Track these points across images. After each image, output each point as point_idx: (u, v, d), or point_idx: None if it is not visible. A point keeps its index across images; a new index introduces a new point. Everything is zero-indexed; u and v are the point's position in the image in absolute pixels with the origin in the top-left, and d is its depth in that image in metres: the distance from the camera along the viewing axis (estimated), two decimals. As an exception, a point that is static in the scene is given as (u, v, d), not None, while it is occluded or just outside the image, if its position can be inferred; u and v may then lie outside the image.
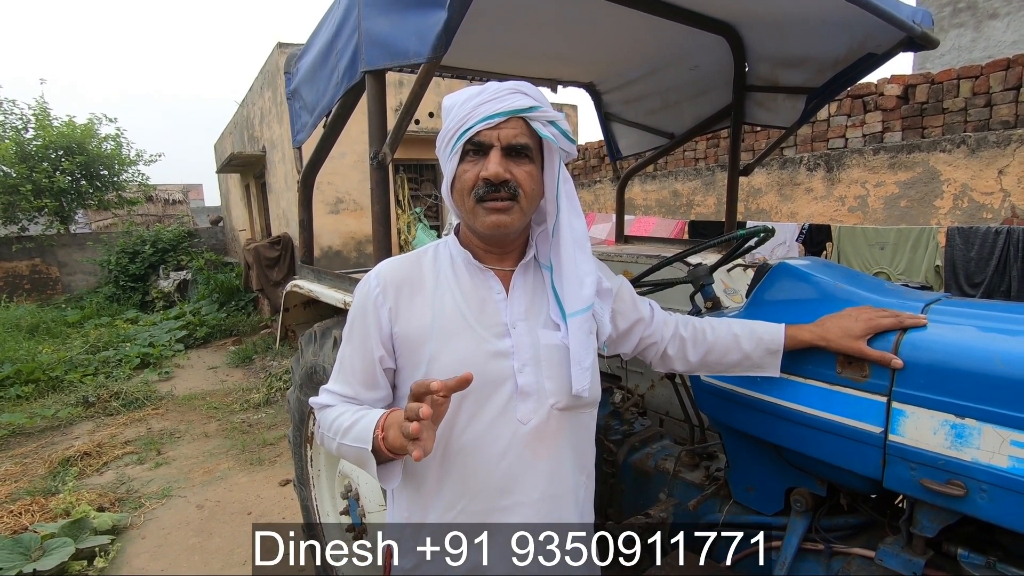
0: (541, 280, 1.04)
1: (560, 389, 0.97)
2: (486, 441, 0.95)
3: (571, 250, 0.98)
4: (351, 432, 0.92)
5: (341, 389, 1.01)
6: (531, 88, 0.95)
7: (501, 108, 0.90)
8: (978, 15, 8.22)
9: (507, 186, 0.92)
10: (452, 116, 0.94)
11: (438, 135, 0.98)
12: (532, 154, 0.95)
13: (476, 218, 0.95)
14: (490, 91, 0.92)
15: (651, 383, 2.43)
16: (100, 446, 4.55)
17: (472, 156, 0.94)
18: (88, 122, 13.39)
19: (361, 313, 1.00)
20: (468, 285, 1.00)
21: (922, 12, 1.69)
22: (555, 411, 0.98)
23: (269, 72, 7.85)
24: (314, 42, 1.76)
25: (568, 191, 0.99)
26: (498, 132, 0.91)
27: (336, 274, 1.85)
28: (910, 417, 1.02)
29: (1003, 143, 3.72)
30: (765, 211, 5.28)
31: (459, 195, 0.96)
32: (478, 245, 1.02)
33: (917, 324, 1.06)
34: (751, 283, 1.45)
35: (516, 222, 0.95)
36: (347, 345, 1.02)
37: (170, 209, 19.41)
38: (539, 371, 0.97)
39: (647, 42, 2.26)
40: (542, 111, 0.93)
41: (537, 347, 0.98)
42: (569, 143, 0.97)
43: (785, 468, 1.35)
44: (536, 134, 0.94)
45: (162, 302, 10.99)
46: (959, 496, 0.96)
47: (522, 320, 0.99)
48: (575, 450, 1.03)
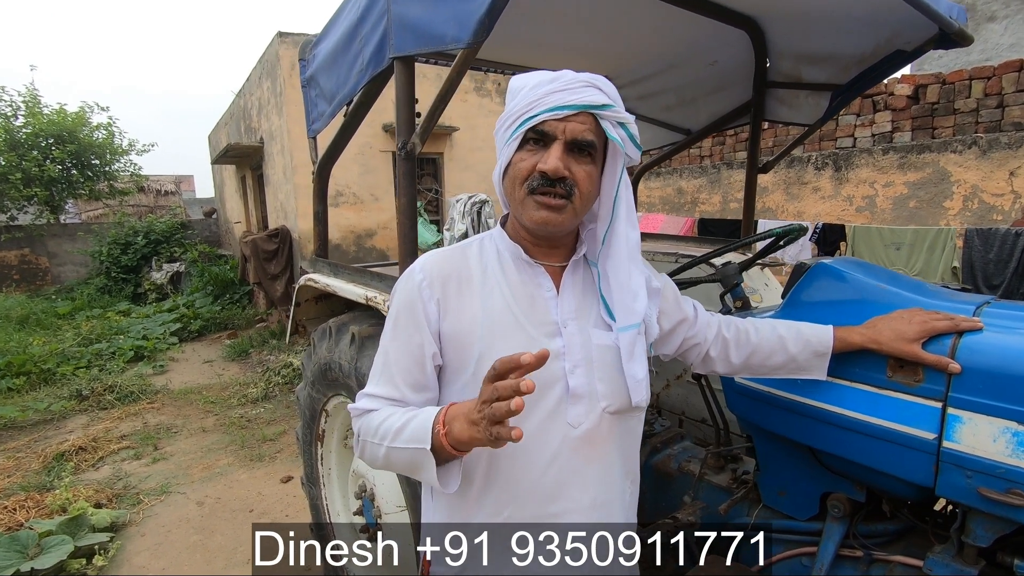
0: (591, 279, 1.00)
1: (612, 392, 0.94)
2: (535, 445, 0.90)
3: (625, 262, 0.94)
4: (403, 434, 0.84)
5: (385, 391, 0.94)
6: (606, 84, 0.89)
7: (573, 100, 0.84)
8: (976, 17, 8.23)
9: (563, 183, 0.87)
10: (518, 99, 0.88)
11: (500, 117, 0.92)
12: (595, 154, 0.89)
13: (525, 210, 0.90)
14: (564, 80, 0.86)
15: (666, 383, 2.40)
16: (95, 440, 4.47)
17: (532, 145, 0.88)
18: (80, 110, 13.21)
19: (408, 307, 0.94)
20: (517, 281, 0.96)
21: (957, 8, 1.65)
22: (607, 415, 0.94)
23: (268, 62, 7.74)
24: (334, 27, 1.70)
25: (627, 198, 0.94)
26: (565, 125, 0.85)
27: (355, 268, 1.79)
28: (967, 423, 0.99)
29: (1015, 144, 3.72)
30: (771, 209, 5.27)
31: (511, 183, 0.91)
32: (526, 238, 0.97)
33: (973, 327, 1.03)
34: (787, 283, 1.42)
35: (567, 223, 0.90)
36: (392, 343, 0.95)
37: (162, 200, 19.20)
38: (591, 373, 0.93)
39: (666, 36, 2.22)
40: (614, 110, 0.87)
41: (589, 347, 0.94)
42: (635, 148, 0.91)
43: (821, 472, 1.32)
44: (603, 133, 0.88)
45: (155, 294, 10.86)
46: (1020, 506, 0.93)
47: (573, 319, 0.95)
48: (623, 455, 1.00)
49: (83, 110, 13.28)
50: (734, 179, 5.75)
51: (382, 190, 7.97)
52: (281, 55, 7.14)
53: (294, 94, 7.03)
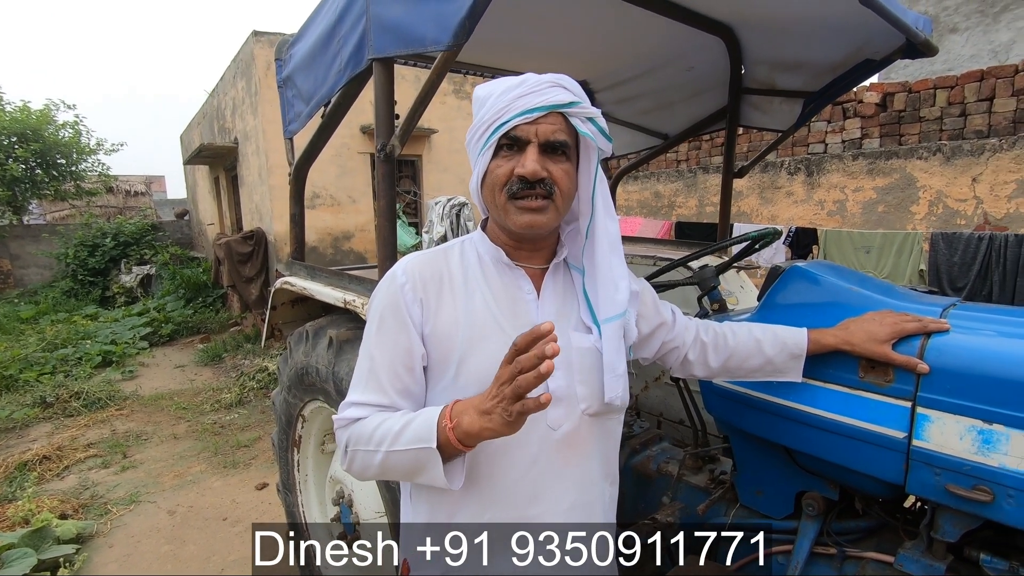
0: (571, 281, 1.01)
1: (592, 394, 0.94)
2: (514, 448, 0.90)
3: (607, 254, 0.95)
4: (404, 435, 0.82)
5: (374, 398, 0.91)
6: (570, 82, 0.90)
7: (541, 102, 0.85)
8: (939, 29, 8.51)
9: (543, 184, 0.88)
10: (487, 108, 0.89)
11: (469, 128, 0.93)
12: (569, 152, 0.90)
13: (508, 216, 0.90)
14: (529, 83, 0.87)
15: (645, 385, 2.42)
16: (60, 449, 4.32)
17: (506, 151, 0.89)
18: (44, 108, 12.78)
19: (392, 309, 0.92)
20: (498, 284, 0.96)
21: (923, 19, 1.71)
22: (586, 417, 0.95)
23: (243, 61, 7.60)
24: (311, 27, 1.67)
25: (603, 192, 0.95)
26: (536, 127, 0.86)
27: (332, 271, 1.77)
28: (935, 422, 1.02)
29: (977, 152, 3.86)
30: (746, 213, 5.37)
31: (490, 191, 0.92)
32: (507, 242, 0.98)
33: (941, 329, 1.06)
34: (763, 286, 1.44)
35: (551, 222, 0.91)
36: (376, 348, 0.93)
37: (132, 201, 18.69)
38: (571, 375, 0.94)
39: (643, 41, 2.25)
40: (581, 107, 0.88)
41: (569, 350, 0.94)
42: (606, 141, 0.93)
43: (796, 472, 1.34)
44: (574, 131, 0.90)
45: (124, 298, 10.56)
46: (985, 502, 0.95)
47: (553, 322, 0.95)
48: (603, 457, 1.00)
49: (48, 108, 12.86)
50: (710, 183, 5.84)
51: (360, 192, 7.89)
52: (256, 54, 7.02)
53: (269, 94, 6.92)
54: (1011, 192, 3.86)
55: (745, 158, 5.75)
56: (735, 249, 1.91)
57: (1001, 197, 3.90)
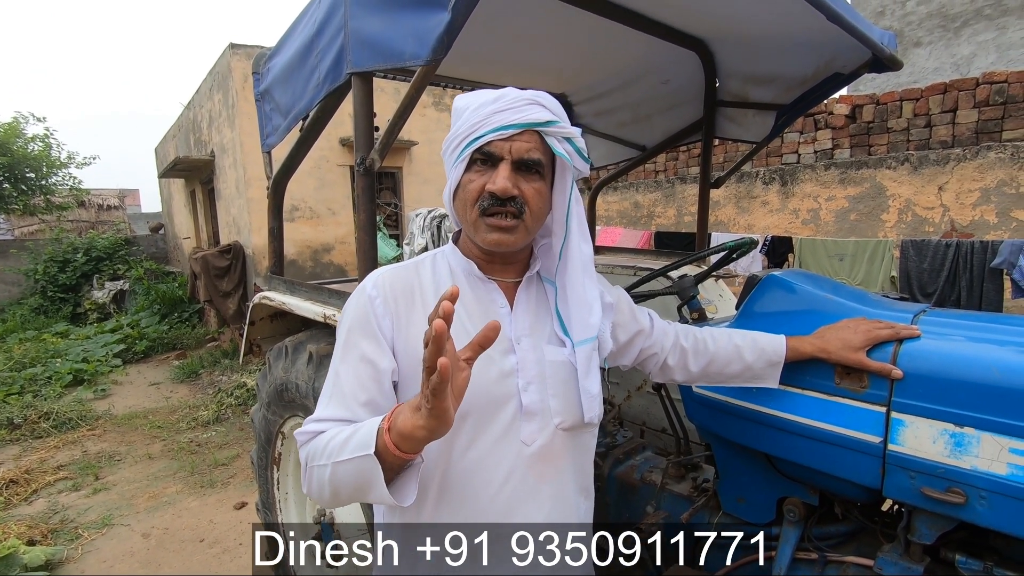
0: (544, 295, 1.01)
1: (566, 408, 0.94)
2: (488, 464, 0.89)
3: (580, 276, 0.94)
4: (349, 444, 0.77)
5: (336, 413, 0.87)
6: (550, 100, 0.89)
7: (517, 119, 0.85)
8: (904, 43, 8.82)
9: (514, 202, 0.87)
10: (463, 120, 0.88)
11: (446, 138, 0.92)
12: (543, 171, 0.89)
13: (478, 232, 0.90)
14: (507, 99, 0.86)
15: (628, 394, 2.43)
16: (28, 472, 4.17)
17: (480, 166, 0.88)
18: (13, 121, 12.46)
19: (361, 323, 0.90)
20: (471, 298, 0.95)
21: (888, 35, 1.77)
22: (560, 431, 0.94)
23: (220, 74, 7.54)
24: (289, 41, 1.67)
25: (578, 212, 0.95)
26: (510, 144, 0.86)
27: (312, 285, 1.75)
28: (909, 427, 1.04)
29: (942, 161, 3.99)
30: (724, 223, 5.46)
31: (461, 205, 0.91)
32: (479, 256, 0.97)
33: (912, 335, 1.09)
34: (740, 295, 1.47)
35: (519, 241, 0.91)
36: (343, 363, 0.90)
37: (105, 215, 18.28)
38: (544, 389, 0.93)
39: (620, 55, 2.29)
40: (559, 126, 0.88)
41: (543, 364, 0.94)
42: (583, 162, 0.92)
43: (777, 478, 1.36)
44: (550, 149, 0.89)
45: (96, 314, 10.29)
46: (959, 503, 0.98)
47: (526, 335, 0.95)
48: (577, 471, 0.99)
49: (17, 121, 12.55)
50: (688, 193, 5.93)
51: (339, 204, 7.84)
52: (233, 67, 6.97)
53: (247, 106, 6.86)
54: (975, 200, 3.99)
55: (721, 168, 5.87)
56: (713, 259, 1.94)
57: (966, 205, 4.04)
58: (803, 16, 1.54)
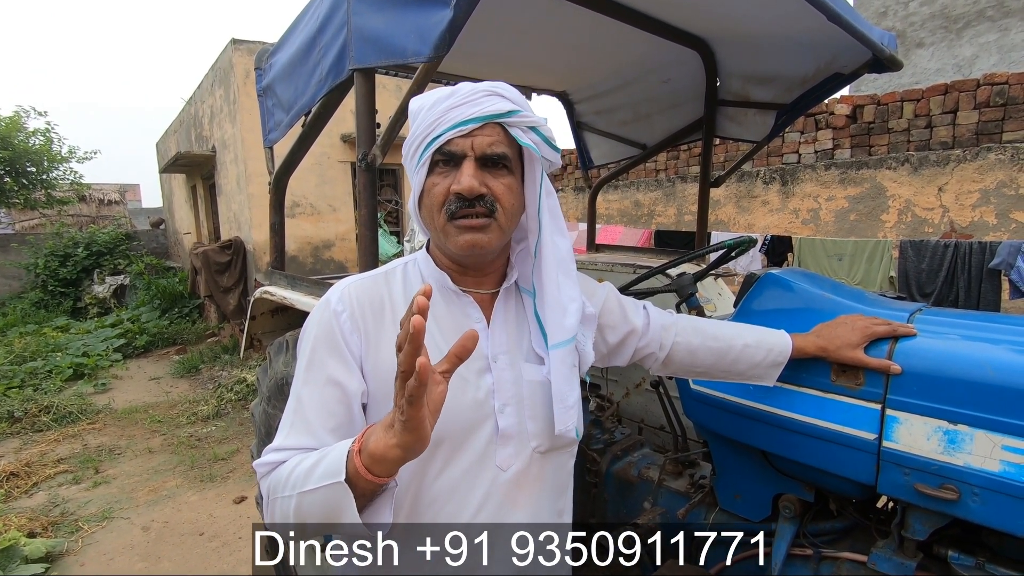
0: (523, 306, 0.94)
1: (543, 431, 0.89)
2: (461, 490, 0.84)
3: (554, 273, 0.88)
4: (316, 472, 0.70)
5: (300, 442, 0.79)
6: (508, 89, 0.83)
7: (475, 113, 0.79)
8: (906, 43, 8.82)
9: (483, 200, 0.81)
10: (419, 121, 0.82)
11: (404, 142, 0.86)
12: (511, 164, 0.84)
13: (448, 238, 0.83)
14: (462, 93, 0.80)
15: (626, 391, 2.44)
16: (29, 465, 4.19)
17: (442, 167, 0.82)
18: (14, 115, 12.48)
19: (326, 341, 0.82)
20: (444, 313, 0.88)
21: (889, 35, 1.78)
22: (536, 455, 0.88)
23: (221, 69, 7.53)
24: (291, 37, 1.68)
25: (551, 206, 0.89)
26: (472, 140, 0.80)
27: (312, 280, 1.76)
28: (904, 424, 1.05)
29: (942, 162, 4.00)
30: (724, 222, 5.47)
31: (428, 211, 0.84)
32: (451, 267, 0.90)
33: (908, 333, 1.10)
34: (739, 293, 1.48)
35: (494, 241, 0.83)
36: (306, 386, 0.82)
37: (105, 210, 18.30)
38: (521, 411, 0.87)
39: (621, 54, 2.29)
40: (521, 115, 0.82)
41: (520, 383, 0.88)
42: (552, 151, 0.87)
43: (773, 475, 1.37)
44: (515, 142, 0.83)
45: (96, 308, 10.30)
46: (952, 500, 0.99)
47: (504, 352, 0.89)
48: (554, 494, 0.94)
49: (18, 115, 12.56)
50: (688, 192, 5.94)
51: (340, 201, 7.85)
52: (235, 62, 6.96)
53: (248, 102, 6.86)
54: (975, 201, 4.00)
55: (722, 168, 5.87)
56: (712, 257, 1.95)
57: (966, 206, 4.05)
58: (804, 16, 1.54)
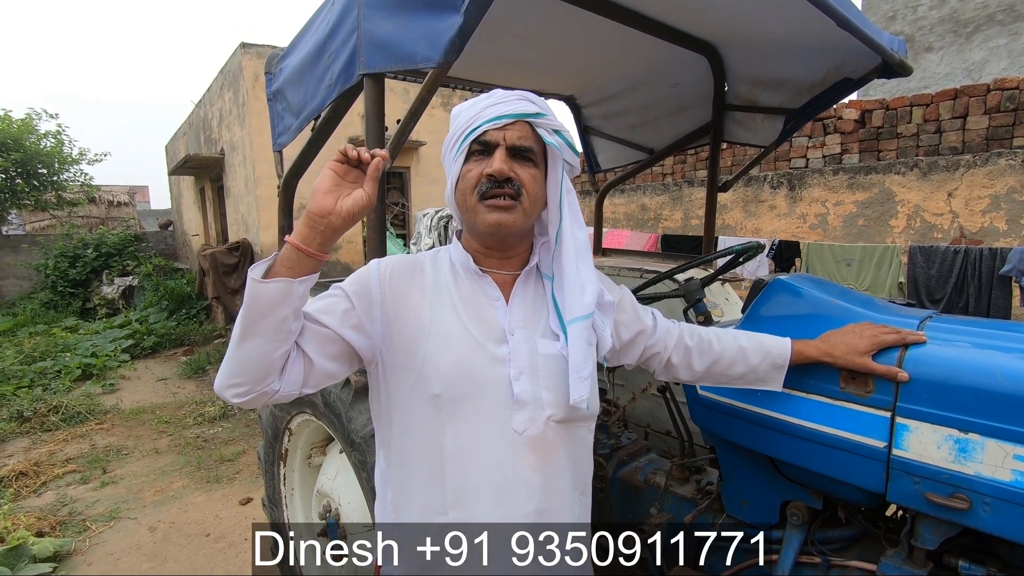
0: (542, 290, 1.04)
1: (558, 401, 0.96)
2: (481, 448, 0.93)
3: (573, 259, 0.98)
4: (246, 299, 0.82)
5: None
6: (538, 98, 0.98)
7: (509, 110, 0.93)
8: (915, 48, 8.78)
9: (511, 184, 0.93)
10: (460, 119, 0.96)
11: (444, 141, 1.00)
12: (536, 159, 0.97)
13: (478, 216, 0.95)
14: (498, 95, 0.96)
15: (632, 396, 2.43)
16: (37, 465, 4.21)
17: (477, 156, 0.95)
18: (26, 117, 12.61)
19: (358, 285, 0.97)
20: (466, 289, 1.00)
21: (898, 40, 1.77)
22: (552, 423, 0.96)
23: (231, 73, 7.60)
24: (302, 42, 1.69)
25: (571, 201, 1.00)
26: (504, 133, 0.93)
27: (320, 282, 1.77)
28: (914, 432, 1.05)
29: (952, 168, 3.97)
30: (731, 226, 5.45)
31: (462, 194, 0.97)
32: (478, 249, 1.02)
33: (918, 341, 1.09)
34: (747, 298, 1.47)
35: (518, 222, 0.95)
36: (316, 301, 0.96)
37: (115, 211, 18.45)
38: (536, 381, 0.95)
39: (629, 58, 2.29)
40: (548, 119, 0.96)
41: (535, 356, 0.96)
42: (573, 155, 0.99)
43: (781, 482, 1.36)
44: (541, 141, 0.97)
45: (105, 309, 10.38)
46: (962, 509, 0.98)
47: (520, 327, 0.98)
48: (573, 465, 1.00)
49: (29, 117, 12.70)
50: (695, 196, 5.93)
51: (347, 204, 7.87)
52: (244, 65, 7.02)
53: (257, 105, 6.91)
54: (985, 207, 3.97)
55: (729, 172, 5.86)
56: (720, 262, 1.94)
57: (976, 211, 4.01)
58: (812, 21, 1.54)
